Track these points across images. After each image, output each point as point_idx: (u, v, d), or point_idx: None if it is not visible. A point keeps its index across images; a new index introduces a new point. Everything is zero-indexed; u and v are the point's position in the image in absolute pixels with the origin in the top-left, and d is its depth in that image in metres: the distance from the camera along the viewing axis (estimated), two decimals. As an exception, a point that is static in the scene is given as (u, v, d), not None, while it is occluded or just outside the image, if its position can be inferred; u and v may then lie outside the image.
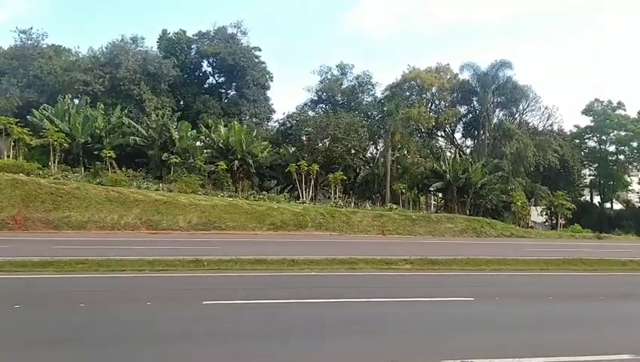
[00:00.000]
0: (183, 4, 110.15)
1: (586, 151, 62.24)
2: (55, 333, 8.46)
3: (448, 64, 56.85)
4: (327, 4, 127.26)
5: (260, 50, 57.01)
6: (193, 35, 56.66)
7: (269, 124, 57.20)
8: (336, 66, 55.41)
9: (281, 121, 53.35)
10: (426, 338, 8.85)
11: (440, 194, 51.79)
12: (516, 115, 55.29)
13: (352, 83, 54.96)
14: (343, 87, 54.78)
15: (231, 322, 9.48)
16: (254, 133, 46.36)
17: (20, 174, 30.45)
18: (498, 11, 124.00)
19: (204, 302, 10.85)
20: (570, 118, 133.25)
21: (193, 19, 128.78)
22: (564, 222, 47.05)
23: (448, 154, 51.99)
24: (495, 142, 51.01)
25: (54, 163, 35.96)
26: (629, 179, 62.29)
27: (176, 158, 39.08)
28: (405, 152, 48.57)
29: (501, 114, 54.64)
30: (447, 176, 44.38)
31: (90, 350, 7.65)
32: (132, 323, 9.14)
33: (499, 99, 52.87)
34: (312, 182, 41.49)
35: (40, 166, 33.79)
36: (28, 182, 29.42)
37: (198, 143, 43.37)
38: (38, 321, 9.17)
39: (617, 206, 63.36)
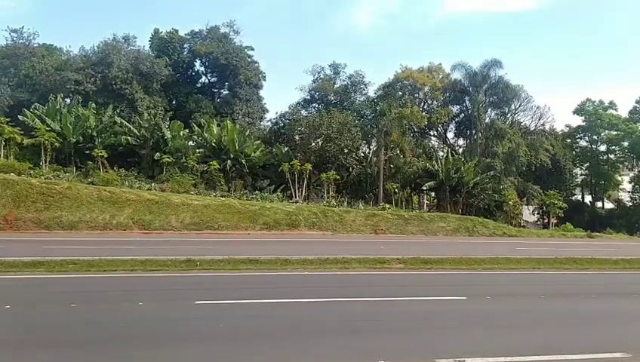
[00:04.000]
0: (175, 4, 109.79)
1: (578, 150, 62.59)
2: (45, 334, 8.40)
3: (440, 64, 57.07)
4: (319, 4, 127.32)
5: (252, 49, 56.97)
6: (185, 35, 56.55)
7: (261, 123, 57.11)
8: (329, 66, 55.38)
9: (273, 121, 53.25)
10: (419, 337, 8.88)
11: (433, 194, 51.79)
12: (508, 115, 55.49)
13: (345, 82, 54.91)
14: (335, 86, 54.69)
15: (223, 322, 9.46)
16: (247, 133, 46.26)
17: (11, 174, 30.21)
18: (490, 9, 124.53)
19: (197, 302, 10.83)
20: (562, 118, 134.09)
21: (185, 19, 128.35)
22: (555, 221, 47.27)
23: (441, 153, 52.06)
24: (487, 142, 51.13)
25: (45, 162, 35.71)
26: (619, 179, 62.69)
27: (168, 158, 38.93)
28: (398, 152, 48.63)
29: (493, 113, 54.74)
30: (440, 175, 44.46)
31: (81, 350, 7.61)
32: (124, 323, 9.09)
33: (491, 98, 53.02)
34: (305, 181, 41.45)
35: (31, 166, 33.52)
36: (19, 182, 29.20)
37: (190, 143, 43.22)
38: (29, 322, 9.11)
39: (609, 205, 63.75)
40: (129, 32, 54.27)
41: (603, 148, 61.58)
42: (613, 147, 60.61)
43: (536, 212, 52.46)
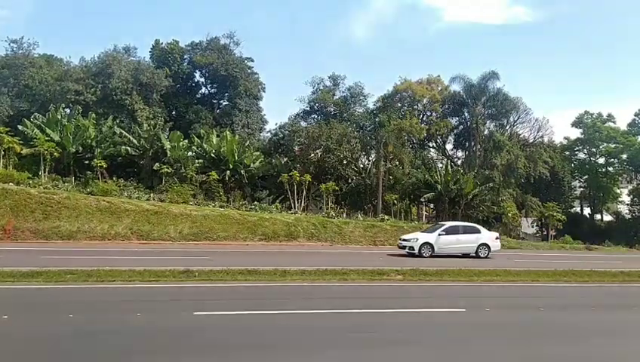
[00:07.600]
0: (175, 15, 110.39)
1: (576, 163, 62.64)
2: (43, 344, 8.36)
3: (439, 76, 57.33)
4: (317, 16, 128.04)
5: (252, 60, 57.35)
6: (186, 46, 56.88)
7: (261, 134, 57.35)
8: (329, 77, 55.66)
9: (273, 132, 53.47)
10: (417, 350, 8.83)
11: (432, 205, 51.88)
12: (507, 127, 55.72)
13: (344, 94, 55.21)
14: (335, 97, 54.94)
15: (222, 333, 9.41)
16: (246, 144, 46.41)
17: (10, 184, 30.16)
18: (486, 22, 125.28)
19: (195, 313, 10.77)
20: (561, 130, 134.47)
21: (186, 30, 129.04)
22: (554, 233, 47.20)
23: (440, 165, 52.17)
24: (486, 154, 51.29)
25: (44, 172, 35.70)
26: (618, 191, 62.70)
27: (167, 168, 38.96)
28: (397, 163, 48.72)
29: (492, 125, 54.94)
30: (439, 186, 44.50)
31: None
32: (121, 334, 9.04)
33: (489, 110, 53.23)
34: (304, 192, 41.46)
35: (30, 175, 33.47)
36: (17, 192, 29.14)
37: (189, 153, 43.30)
38: (26, 332, 9.06)
39: (607, 217, 63.73)
40: (130, 43, 54.85)
41: (602, 160, 61.63)
42: (612, 160, 60.64)
43: (535, 224, 52.43)
